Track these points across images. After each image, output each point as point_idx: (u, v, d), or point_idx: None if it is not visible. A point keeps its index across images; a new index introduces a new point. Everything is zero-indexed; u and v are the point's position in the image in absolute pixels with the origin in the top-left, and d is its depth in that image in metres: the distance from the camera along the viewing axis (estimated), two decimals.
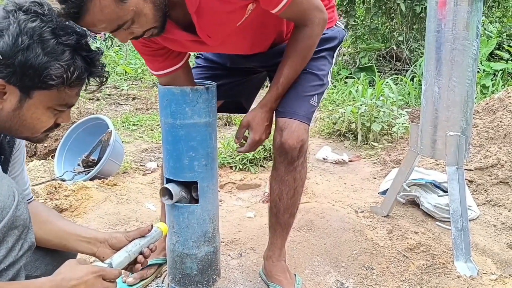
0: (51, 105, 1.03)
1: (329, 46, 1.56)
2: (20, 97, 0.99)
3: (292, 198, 1.57)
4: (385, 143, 3.65)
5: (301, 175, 1.55)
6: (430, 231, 2.17)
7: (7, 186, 0.96)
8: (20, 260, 0.98)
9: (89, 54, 1.04)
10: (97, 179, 2.67)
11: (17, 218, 0.96)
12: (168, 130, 1.47)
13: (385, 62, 6.95)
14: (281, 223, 1.62)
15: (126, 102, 5.17)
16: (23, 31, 0.95)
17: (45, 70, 0.97)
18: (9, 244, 0.94)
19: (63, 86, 1.00)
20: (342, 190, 2.80)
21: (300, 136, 1.46)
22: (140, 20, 1.13)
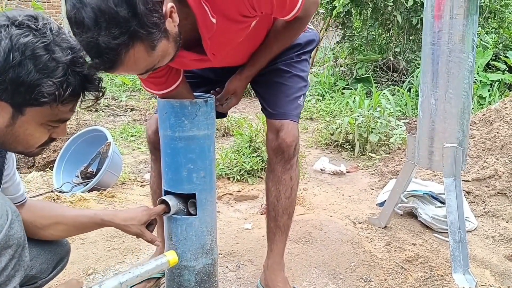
0: (44, 121, 1.02)
1: (309, 48, 1.65)
2: (13, 114, 0.98)
3: (289, 197, 1.60)
4: (382, 154, 3.67)
5: (296, 173, 1.60)
6: (428, 243, 2.17)
7: (0, 205, 0.96)
8: (14, 279, 0.97)
9: (84, 70, 1.01)
10: (96, 191, 2.67)
11: (11, 237, 0.96)
12: (167, 143, 1.47)
13: (382, 73, 7.00)
14: (280, 226, 1.63)
15: (125, 113, 5.19)
16: (15, 46, 0.93)
17: (37, 87, 0.95)
18: (1, 263, 0.94)
19: (55, 103, 0.98)
20: (340, 201, 2.79)
21: (295, 134, 1.54)
22: (164, 60, 1.14)
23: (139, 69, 1.10)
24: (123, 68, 1.04)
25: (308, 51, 1.63)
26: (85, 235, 2.08)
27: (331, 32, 8.83)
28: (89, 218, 1.33)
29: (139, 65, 1.07)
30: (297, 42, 1.57)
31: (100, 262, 1.93)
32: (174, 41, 1.12)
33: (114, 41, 0.96)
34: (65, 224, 1.30)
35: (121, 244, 2.08)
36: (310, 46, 1.63)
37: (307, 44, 1.61)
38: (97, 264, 1.92)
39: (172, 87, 1.46)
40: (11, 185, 1.20)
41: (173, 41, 1.11)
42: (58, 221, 1.29)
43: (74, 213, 1.36)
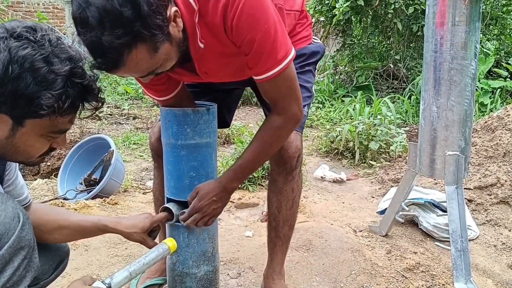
0: (44, 133, 1.02)
1: (314, 60, 1.61)
2: (12, 126, 0.98)
3: (291, 209, 1.58)
4: (383, 162, 3.66)
5: (298, 185, 1.58)
6: (429, 251, 2.16)
7: (12, 208, 0.98)
8: (25, 280, 1.00)
9: (83, 80, 1.00)
10: (99, 198, 2.68)
11: (22, 239, 0.98)
12: (170, 151, 1.47)
13: (382, 80, 7.02)
14: (281, 237, 1.62)
15: (127, 121, 5.21)
16: (14, 59, 0.92)
17: (36, 100, 0.94)
18: (15, 264, 0.97)
19: (54, 115, 0.98)
20: (340, 209, 2.79)
21: (298, 146, 1.51)
22: (167, 64, 1.14)
23: (140, 71, 1.10)
24: (125, 69, 1.04)
25: (312, 62, 1.60)
26: (88, 241, 2.08)
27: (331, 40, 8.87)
28: (93, 223, 1.34)
29: (141, 66, 1.07)
30: (302, 52, 1.54)
31: (104, 269, 1.92)
32: (177, 46, 1.12)
33: (117, 41, 0.97)
34: (69, 229, 1.31)
35: (124, 251, 2.07)
36: (314, 57, 1.61)
37: (312, 55, 1.58)
38: (100, 271, 1.91)
39: (172, 94, 1.46)
40: (13, 189, 1.19)
41: (176, 45, 1.11)
42: (62, 225, 1.29)
43: (78, 218, 1.36)
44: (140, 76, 1.15)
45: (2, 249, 0.95)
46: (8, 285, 0.96)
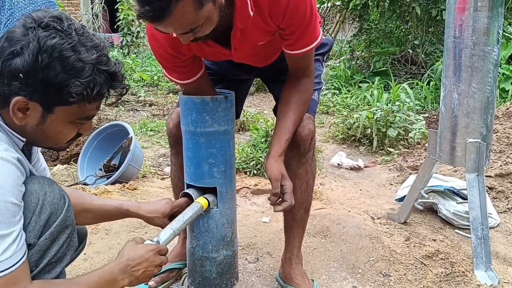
0: (72, 119, 1.05)
1: (322, 51, 1.66)
2: (43, 113, 1.01)
3: (305, 192, 1.59)
4: (401, 149, 3.62)
5: (311, 168, 1.59)
6: (448, 239, 2.15)
7: (58, 190, 1.07)
8: (66, 257, 1.08)
9: (109, 68, 1.03)
10: (118, 183, 2.73)
11: (68, 218, 1.07)
12: (189, 138, 1.49)
13: (400, 66, 6.90)
14: (297, 220, 1.63)
15: (144, 108, 5.26)
16: (43, 48, 0.95)
17: (65, 88, 0.97)
18: (60, 241, 1.05)
19: (83, 102, 1.01)
20: (357, 196, 2.78)
21: (311, 128, 1.53)
22: (208, 25, 1.17)
23: (183, 26, 1.12)
24: (170, 20, 1.07)
25: (321, 53, 1.65)
26: (109, 226, 2.12)
27: (347, 25, 8.74)
28: (116, 208, 1.38)
29: (185, 20, 1.10)
30: None
31: None
32: (219, 10, 1.16)
33: None
34: (92, 212, 1.35)
35: (143, 235, 2.11)
36: (323, 48, 1.65)
37: (321, 46, 1.60)
38: None
39: (194, 78, 1.48)
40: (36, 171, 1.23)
41: (218, 8, 1.15)
42: (86, 208, 1.34)
43: (101, 202, 1.41)
44: (181, 33, 1.16)
45: (51, 227, 1.03)
46: (53, 261, 1.04)
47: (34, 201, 1.01)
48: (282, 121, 1.47)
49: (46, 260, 1.03)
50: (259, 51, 1.45)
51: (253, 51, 1.44)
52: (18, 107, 0.98)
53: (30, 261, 1.00)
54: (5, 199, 0.91)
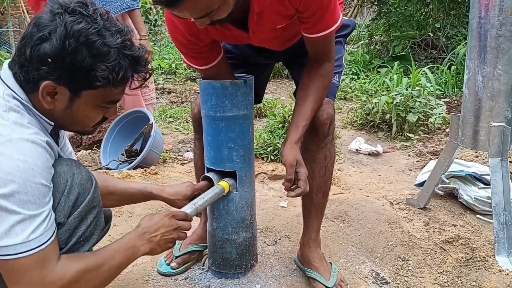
0: (99, 103, 1.08)
1: (344, 33, 1.62)
2: (70, 97, 1.04)
3: (324, 176, 1.59)
4: (421, 134, 3.57)
5: (330, 152, 1.58)
6: (469, 224, 2.12)
7: (85, 172, 1.11)
8: (93, 237, 1.12)
9: (133, 52, 1.05)
10: (140, 168, 2.78)
11: (95, 199, 1.11)
12: (209, 123, 1.51)
13: (420, 50, 6.76)
14: (315, 204, 1.63)
15: (162, 95, 5.31)
16: (70, 33, 0.97)
17: (92, 72, 1.00)
18: (88, 221, 1.09)
19: (109, 86, 1.03)
20: (376, 181, 2.76)
21: (330, 112, 1.51)
22: (224, 8, 1.16)
23: (199, 9, 1.12)
24: (185, 4, 1.07)
25: (342, 35, 1.61)
26: (132, 209, 2.17)
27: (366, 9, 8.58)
28: (139, 190, 1.41)
29: (201, 4, 1.10)
30: None
31: None
32: None
33: None
34: (117, 195, 1.39)
35: None
36: (345, 30, 1.62)
37: (342, 28, 1.57)
38: None
39: (213, 63, 1.48)
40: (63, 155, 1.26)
41: None
42: (111, 191, 1.37)
43: (125, 185, 1.44)
44: (197, 17, 1.16)
45: (79, 207, 1.07)
46: (81, 239, 1.08)
47: (63, 182, 1.05)
48: (300, 107, 1.45)
49: (75, 238, 1.07)
50: (278, 35, 1.44)
51: (271, 35, 1.42)
52: (47, 91, 1.01)
53: (60, 239, 1.04)
54: (35, 180, 0.94)
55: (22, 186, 0.92)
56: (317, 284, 1.58)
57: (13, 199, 0.92)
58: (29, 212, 0.93)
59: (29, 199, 0.93)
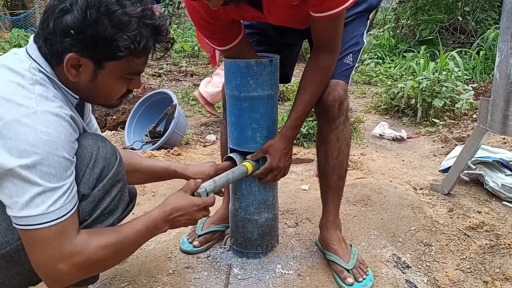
0: (122, 74, 1.08)
1: (360, 9, 1.55)
2: (94, 69, 1.04)
3: (337, 158, 1.57)
4: (447, 120, 3.50)
5: (344, 134, 1.55)
6: (494, 211, 2.09)
7: (110, 146, 1.12)
8: (117, 211, 1.13)
9: (154, 22, 1.04)
10: (163, 149, 2.83)
11: (119, 173, 1.12)
12: (233, 103, 1.50)
13: (448, 34, 6.56)
14: (331, 186, 1.63)
15: (185, 78, 5.36)
16: (90, 4, 0.97)
17: (114, 42, 0.99)
18: (112, 194, 1.10)
19: (131, 56, 1.03)
20: (399, 167, 2.73)
21: (337, 94, 1.47)
22: None
23: None
24: None
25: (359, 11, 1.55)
26: (155, 188, 2.21)
27: None
28: (163, 168, 1.43)
29: None
30: None
31: None
32: None
33: None
34: (142, 172, 1.41)
35: None
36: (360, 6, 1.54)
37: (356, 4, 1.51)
38: None
39: (233, 43, 1.47)
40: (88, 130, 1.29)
41: None
42: (135, 168, 1.39)
43: (150, 163, 1.46)
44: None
45: (104, 180, 1.08)
46: (105, 212, 1.09)
47: (88, 154, 1.06)
48: (295, 100, 1.49)
49: (99, 211, 1.08)
50: (294, 12, 1.40)
51: (288, 12, 1.40)
52: (71, 64, 1.02)
53: (84, 211, 1.05)
54: (57, 153, 0.96)
55: (45, 158, 0.93)
56: (336, 266, 1.59)
57: (35, 170, 0.93)
58: (50, 184, 0.94)
59: (51, 172, 0.94)
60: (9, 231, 1.01)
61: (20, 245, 1.01)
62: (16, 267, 1.04)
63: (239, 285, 1.53)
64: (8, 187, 0.94)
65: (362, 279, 1.55)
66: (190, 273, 1.59)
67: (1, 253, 1.01)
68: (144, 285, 1.52)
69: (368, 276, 1.57)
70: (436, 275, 1.69)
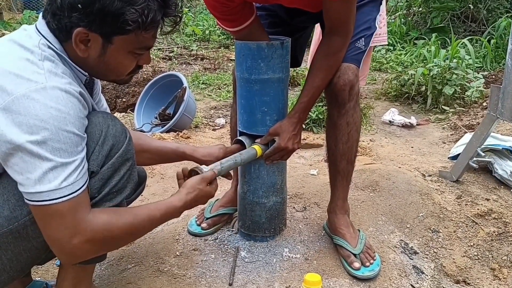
0: (131, 49, 1.08)
1: None
2: (103, 44, 1.04)
3: (347, 143, 1.56)
4: (456, 108, 3.47)
5: (354, 119, 1.54)
6: (502, 199, 2.08)
7: (120, 125, 1.12)
8: (126, 189, 1.13)
9: None
10: (173, 132, 2.83)
11: (129, 151, 1.11)
12: (243, 85, 1.50)
13: (459, 22, 6.45)
14: (340, 171, 1.62)
15: (195, 62, 5.35)
16: None
17: (121, 16, 0.99)
18: (121, 172, 1.10)
19: (139, 30, 1.03)
20: (408, 153, 2.72)
21: (348, 78, 1.46)
22: None
23: None
24: None
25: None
26: (164, 170, 2.22)
27: None
28: (172, 150, 1.43)
29: None
30: None
31: None
32: None
33: None
34: (150, 153, 1.42)
35: None
36: None
37: None
38: None
39: (245, 24, 1.46)
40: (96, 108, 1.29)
41: None
42: (145, 149, 1.40)
43: (159, 144, 1.46)
44: None
45: (113, 158, 1.08)
46: (114, 190, 1.09)
47: (97, 132, 1.06)
48: (306, 81, 1.48)
49: (108, 188, 1.08)
50: None
51: None
52: (80, 39, 1.02)
53: (92, 188, 1.06)
54: (67, 129, 0.95)
55: (55, 134, 0.93)
56: (343, 251, 1.59)
57: (46, 146, 0.92)
58: (61, 159, 0.94)
59: (61, 147, 0.94)
60: (18, 206, 1.01)
61: (28, 221, 1.02)
62: (23, 243, 1.04)
63: (246, 268, 1.54)
64: (18, 164, 0.94)
65: (369, 264, 1.55)
66: (198, 255, 1.61)
67: (9, 228, 1.01)
68: (151, 266, 1.55)
69: (375, 261, 1.58)
70: (443, 261, 1.70)
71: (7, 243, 1.03)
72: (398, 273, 1.59)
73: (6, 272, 1.06)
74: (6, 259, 1.05)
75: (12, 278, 1.09)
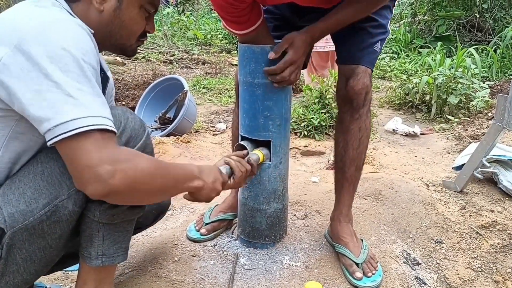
0: (143, 3, 1.12)
1: None
2: None
3: (357, 149, 1.54)
4: (461, 117, 3.44)
5: (366, 124, 1.52)
6: (507, 211, 2.04)
7: (139, 120, 1.10)
8: None
9: None
10: (173, 136, 2.80)
11: (147, 145, 1.10)
12: (246, 89, 1.48)
13: (465, 32, 6.45)
14: (347, 178, 1.59)
15: (197, 66, 5.33)
16: None
17: None
18: None
19: None
20: (412, 162, 2.69)
21: (365, 82, 1.45)
22: None
23: None
24: None
25: None
26: None
27: None
28: None
29: None
30: None
31: (178, 200, 2.06)
32: None
33: None
34: None
35: None
36: None
37: None
38: (175, 201, 2.05)
39: (252, 27, 1.44)
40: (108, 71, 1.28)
41: None
42: None
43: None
44: None
45: None
46: None
47: (116, 123, 1.01)
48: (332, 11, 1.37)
49: None
50: None
51: None
52: None
53: None
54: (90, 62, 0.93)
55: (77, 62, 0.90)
56: (346, 259, 1.56)
57: (71, 74, 0.88)
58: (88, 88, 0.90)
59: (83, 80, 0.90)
60: (33, 199, 0.97)
61: (44, 215, 0.98)
62: (38, 240, 1.00)
63: (246, 275, 1.52)
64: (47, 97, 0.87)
65: (371, 274, 1.52)
66: (196, 261, 1.58)
67: (25, 224, 0.97)
68: (149, 271, 1.52)
69: (378, 272, 1.54)
70: (446, 273, 1.66)
71: (22, 240, 0.98)
72: (400, 283, 1.56)
73: (20, 274, 1.02)
74: (20, 258, 1.00)
75: (26, 282, 1.05)
